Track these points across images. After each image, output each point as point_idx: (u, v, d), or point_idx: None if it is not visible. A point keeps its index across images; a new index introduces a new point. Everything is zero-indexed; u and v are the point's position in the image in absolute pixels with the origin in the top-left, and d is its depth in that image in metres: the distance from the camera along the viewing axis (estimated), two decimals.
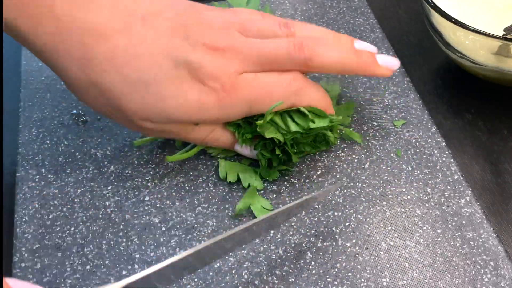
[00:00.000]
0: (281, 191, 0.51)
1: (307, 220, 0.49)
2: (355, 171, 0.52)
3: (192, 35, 0.46)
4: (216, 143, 0.51)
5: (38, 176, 0.52)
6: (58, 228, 0.49)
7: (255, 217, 0.49)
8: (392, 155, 0.54)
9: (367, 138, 0.55)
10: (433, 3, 0.55)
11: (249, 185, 0.50)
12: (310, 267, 0.46)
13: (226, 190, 0.51)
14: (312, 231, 0.48)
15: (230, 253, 0.47)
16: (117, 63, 0.44)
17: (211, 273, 0.46)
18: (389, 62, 0.52)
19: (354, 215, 0.49)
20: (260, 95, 0.47)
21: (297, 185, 0.51)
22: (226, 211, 0.50)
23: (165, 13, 0.47)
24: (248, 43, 0.47)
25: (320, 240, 0.47)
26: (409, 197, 0.50)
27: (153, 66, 0.45)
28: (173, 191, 0.51)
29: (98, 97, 0.45)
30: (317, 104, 0.49)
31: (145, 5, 0.46)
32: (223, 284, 0.45)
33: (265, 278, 0.45)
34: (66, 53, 0.44)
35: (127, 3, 0.45)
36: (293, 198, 0.50)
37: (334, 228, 0.48)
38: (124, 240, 0.48)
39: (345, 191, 0.51)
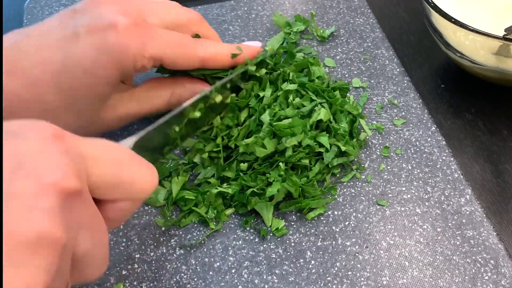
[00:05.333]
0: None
1: (307, 219, 0.49)
2: (355, 170, 0.52)
3: (79, 8, 0.47)
4: (179, 103, 0.50)
5: None
6: None
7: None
8: (392, 154, 0.54)
9: (367, 137, 0.55)
10: (433, 3, 0.55)
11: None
12: (310, 266, 0.46)
13: None
14: (312, 230, 0.48)
15: (231, 252, 0.47)
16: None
17: (210, 272, 0.46)
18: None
19: (354, 214, 0.49)
20: (173, 42, 0.48)
21: None
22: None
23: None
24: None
25: (320, 239, 0.47)
26: (409, 196, 0.50)
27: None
28: None
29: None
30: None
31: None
32: (223, 284, 0.45)
33: (265, 277, 0.45)
34: None
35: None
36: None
37: (334, 227, 0.48)
38: (124, 240, 0.48)
39: (344, 190, 0.51)
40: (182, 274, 0.46)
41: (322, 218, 0.49)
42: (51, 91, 0.44)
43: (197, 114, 0.49)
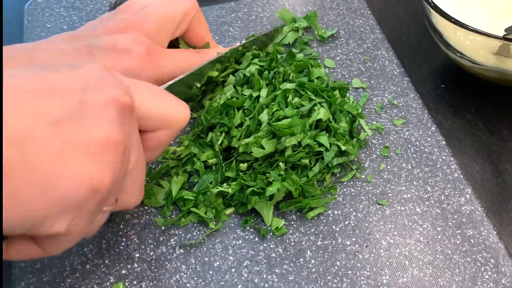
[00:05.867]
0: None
1: (307, 218, 0.49)
2: (355, 169, 0.52)
3: (88, 34, 0.50)
4: None
5: None
6: None
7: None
8: (392, 153, 0.54)
9: (367, 137, 0.55)
10: (433, 3, 0.55)
11: None
12: (310, 265, 0.46)
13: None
14: (312, 230, 0.48)
15: (230, 252, 0.47)
16: None
17: (210, 272, 0.45)
18: None
19: (354, 213, 0.49)
20: (181, 61, 0.53)
21: None
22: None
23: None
24: (140, 14, 0.52)
25: (320, 239, 0.47)
26: (409, 195, 0.50)
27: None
28: None
29: None
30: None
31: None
32: (223, 283, 0.45)
33: (264, 276, 0.45)
34: None
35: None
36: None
37: (334, 227, 0.48)
38: (124, 239, 0.48)
39: (344, 189, 0.51)
40: (182, 274, 0.46)
41: (322, 217, 0.49)
42: None
43: (215, 73, 0.54)
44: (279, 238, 0.47)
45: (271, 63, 0.56)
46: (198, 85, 0.53)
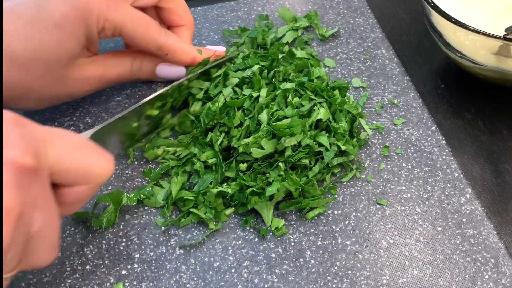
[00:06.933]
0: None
1: (307, 218, 0.49)
2: (355, 169, 0.52)
3: None
4: (141, 72, 0.56)
5: None
6: None
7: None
8: (392, 153, 0.54)
9: (367, 136, 0.55)
10: (433, 3, 0.55)
11: None
12: (310, 265, 0.46)
13: None
14: (312, 230, 0.48)
15: (230, 252, 0.47)
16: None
17: (210, 272, 0.45)
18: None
19: (354, 213, 0.49)
20: (137, 16, 0.52)
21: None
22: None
23: None
24: None
25: (320, 239, 0.47)
26: (409, 195, 0.50)
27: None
28: None
29: None
30: None
31: None
32: (223, 283, 0.45)
33: (264, 276, 0.45)
34: None
35: None
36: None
37: (333, 227, 0.48)
38: (124, 240, 0.48)
39: (344, 189, 0.51)
40: (182, 274, 0.46)
41: (322, 217, 0.49)
42: (21, 42, 0.47)
43: (155, 112, 0.52)
44: (279, 238, 0.47)
45: (273, 63, 0.56)
46: (135, 124, 0.51)
